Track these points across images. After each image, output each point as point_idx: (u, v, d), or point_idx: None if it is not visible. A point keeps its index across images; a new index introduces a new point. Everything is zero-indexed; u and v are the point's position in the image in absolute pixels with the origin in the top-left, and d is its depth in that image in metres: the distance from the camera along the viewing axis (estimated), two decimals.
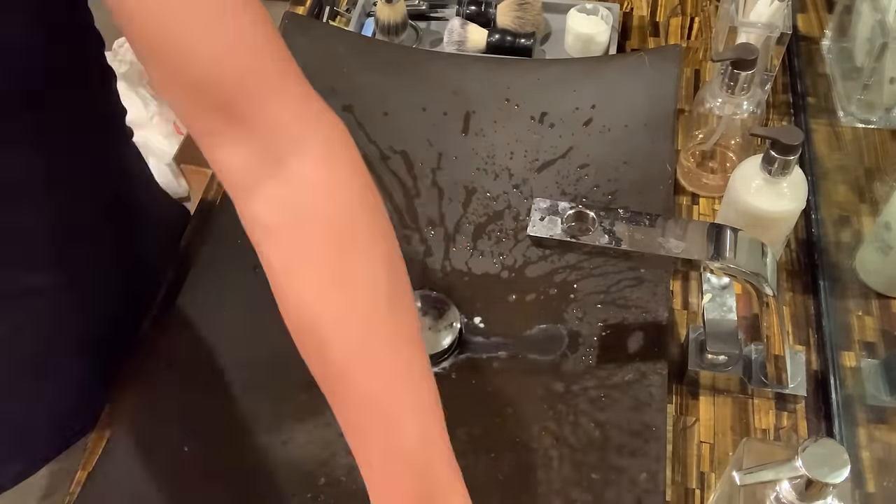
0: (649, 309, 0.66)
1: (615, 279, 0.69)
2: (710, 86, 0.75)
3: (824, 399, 0.65)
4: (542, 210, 0.57)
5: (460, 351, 0.66)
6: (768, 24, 0.79)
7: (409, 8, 0.92)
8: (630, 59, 0.82)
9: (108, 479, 0.59)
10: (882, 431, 0.64)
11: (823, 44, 0.91)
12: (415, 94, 0.81)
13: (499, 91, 0.81)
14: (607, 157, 0.77)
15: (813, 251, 0.74)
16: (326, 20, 0.96)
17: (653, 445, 0.59)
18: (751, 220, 0.66)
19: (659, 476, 0.58)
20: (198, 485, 0.59)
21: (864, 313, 0.70)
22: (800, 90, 0.86)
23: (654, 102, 0.78)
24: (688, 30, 0.95)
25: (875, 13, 0.78)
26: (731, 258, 0.54)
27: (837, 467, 0.46)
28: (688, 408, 0.65)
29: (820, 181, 0.78)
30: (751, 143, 0.76)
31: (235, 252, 0.70)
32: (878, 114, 0.82)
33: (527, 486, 0.59)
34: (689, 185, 0.80)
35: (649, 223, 0.56)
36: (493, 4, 0.93)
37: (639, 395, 0.62)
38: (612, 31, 0.90)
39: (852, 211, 0.78)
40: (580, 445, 0.60)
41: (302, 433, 0.62)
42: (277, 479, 0.60)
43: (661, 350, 0.64)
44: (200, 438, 0.61)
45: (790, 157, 0.63)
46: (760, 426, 0.64)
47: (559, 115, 0.80)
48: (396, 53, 0.86)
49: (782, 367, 0.63)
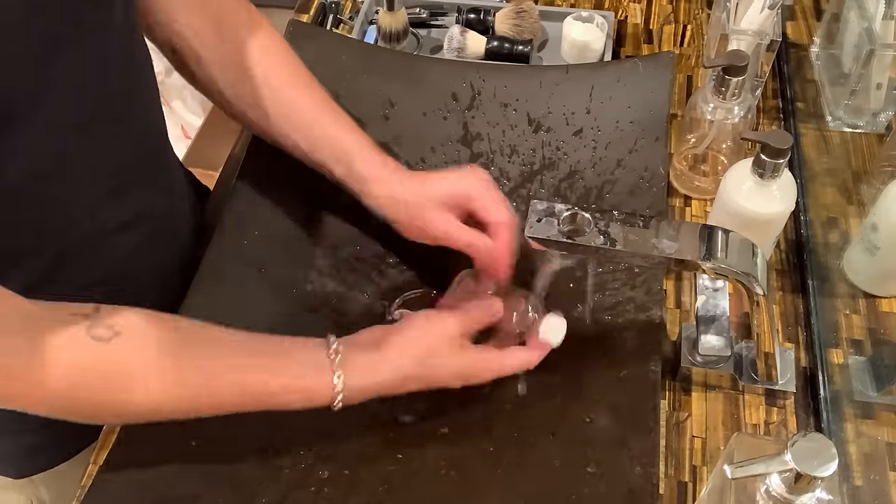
0: (643, 307, 0.67)
1: (610, 278, 0.70)
2: (703, 91, 0.76)
3: (813, 395, 0.66)
4: (539, 212, 0.58)
5: None
6: (759, 31, 0.80)
7: (409, 16, 0.93)
8: (625, 66, 0.83)
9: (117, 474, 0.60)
10: (869, 426, 0.65)
11: (812, 50, 0.93)
12: (415, 100, 0.82)
13: (497, 96, 0.82)
14: (602, 160, 0.78)
15: (802, 251, 0.75)
16: (330, 28, 0.97)
17: (646, 440, 0.60)
18: (742, 222, 0.67)
19: (652, 470, 0.58)
20: (202, 480, 0.60)
21: (852, 312, 0.71)
22: (789, 95, 0.87)
23: (648, 107, 0.79)
24: (680, 37, 0.97)
25: (862, 21, 0.79)
26: (722, 258, 0.55)
27: (825, 461, 0.46)
28: (681, 403, 0.66)
29: (809, 184, 0.79)
30: (742, 147, 0.76)
31: (241, 252, 0.72)
32: (865, 118, 0.83)
33: (524, 479, 0.60)
34: (681, 188, 0.81)
35: (643, 224, 0.57)
36: (491, 12, 0.95)
37: (633, 391, 0.63)
38: (607, 39, 0.91)
39: (840, 213, 0.79)
40: (576, 440, 0.61)
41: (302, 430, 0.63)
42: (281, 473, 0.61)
43: (654, 347, 0.65)
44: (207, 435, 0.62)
45: (780, 161, 0.64)
46: (751, 421, 0.65)
47: (556, 119, 0.81)
48: (398, 60, 0.87)
49: (772, 364, 0.64)
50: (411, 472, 0.61)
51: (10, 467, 0.76)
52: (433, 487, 0.60)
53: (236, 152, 0.86)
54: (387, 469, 0.61)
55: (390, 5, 0.90)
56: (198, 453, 0.61)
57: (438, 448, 0.62)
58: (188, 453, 0.61)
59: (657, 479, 0.59)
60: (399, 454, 0.62)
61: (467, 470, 0.61)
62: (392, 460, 0.61)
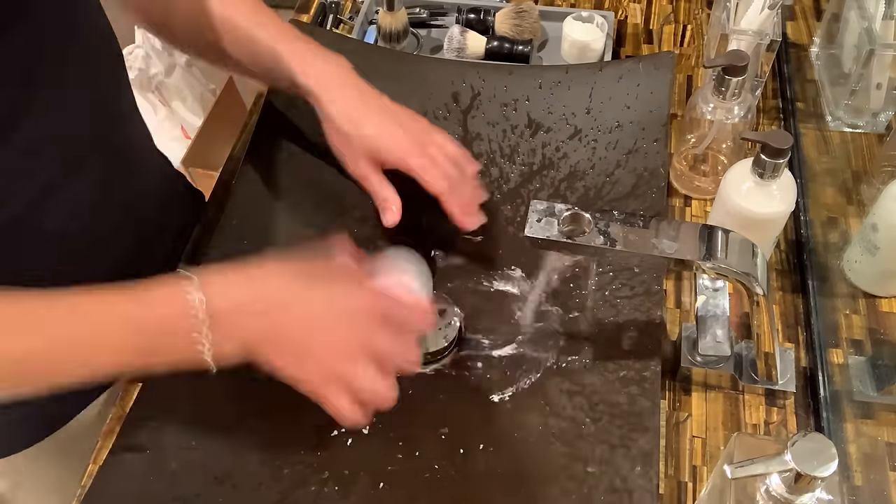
0: (643, 307, 0.68)
1: (610, 279, 0.70)
2: (703, 91, 0.76)
3: (813, 395, 0.66)
4: (539, 212, 0.58)
5: (460, 348, 0.68)
6: (759, 31, 0.80)
7: (409, 16, 0.94)
8: (625, 66, 0.83)
9: (117, 474, 0.60)
10: (868, 426, 0.65)
11: (812, 50, 0.93)
12: (415, 99, 0.82)
13: (497, 97, 0.83)
14: (602, 160, 0.78)
15: (802, 251, 0.75)
16: (330, 28, 0.97)
17: (646, 440, 0.60)
18: (741, 222, 0.67)
19: (652, 470, 0.59)
20: (202, 480, 0.60)
21: (852, 312, 0.71)
22: (789, 95, 0.87)
23: (648, 107, 0.80)
24: (680, 37, 0.97)
25: (862, 21, 0.79)
26: (722, 258, 0.55)
27: (825, 461, 0.46)
28: (680, 403, 0.66)
29: (808, 184, 0.79)
30: (741, 147, 0.76)
31: (241, 252, 0.72)
32: (864, 118, 0.83)
33: (524, 478, 0.60)
34: (681, 188, 0.81)
35: (643, 225, 0.57)
36: (491, 12, 0.95)
37: (633, 391, 0.63)
38: (607, 39, 0.91)
39: (840, 213, 0.79)
40: (576, 440, 0.61)
41: (302, 430, 0.63)
42: (281, 473, 0.61)
43: (654, 347, 0.65)
44: (207, 435, 0.62)
45: (780, 161, 0.64)
46: (751, 421, 0.65)
47: (556, 119, 0.81)
48: (398, 60, 0.87)
49: (772, 364, 0.64)
50: (411, 472, 0.61)
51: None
52: (433, 487, 0.60)
53: (236, 152, 0.86)
54: (387, 469, 0.61)
55: (390, 5, 0.90)
56: (198, 453, 0.61)
57: (438, 448, 0.62)
58: (188, 453, 0.61)
59: (657, 479, 0.59)
60: (398, 454, 0.62)
61: (467, 470, 0.61)
62: (392, 460, 0.61)
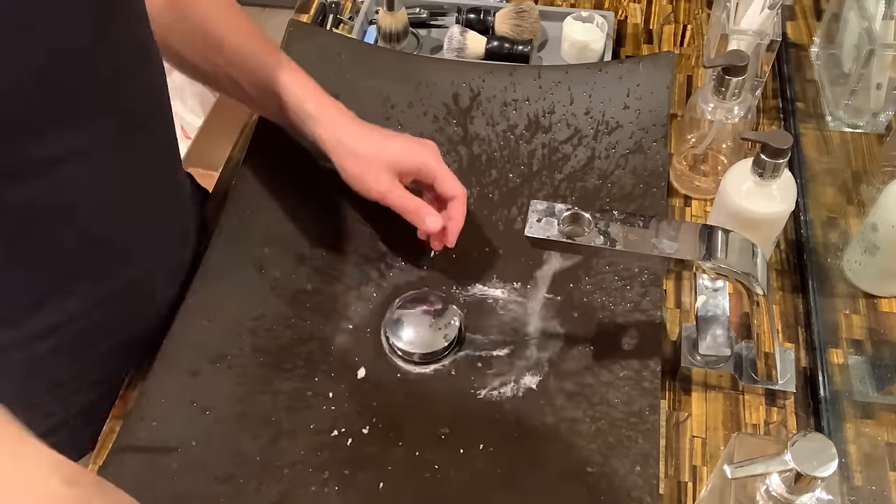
0: (643, 307, 0.68)
1: (610, 279, 0.70)
2: (703, 91, 0.76)
3: (813, 395, 0.66)
4: (539, 212, 0.58)
5: (460, 348, 0.68)
6: (759, 31, 0.80)
7: (409, 16, 0.94)
8: (625, 66, 0.83)
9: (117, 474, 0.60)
10: (868, 426, 0.65)
11: (812, 50, 0.93)
12: (415, 99, 0.83)
13: (497, 97, 0.83)
14: (602, 160, 0.78)
15: (802, 251, 0.75)
16: (330, 28, 0.97)
17: (646, 440, 0.60)
18: (741, 222, 0.67)
19: (652, 470, 0.59)
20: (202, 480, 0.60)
21: (852, 312, 0.71)
22: (789, 95, 0.87)
23: (648, 107, 0.80)
24: (680, 37, 0.97)
25: (862, 21, 0.79)
26: (722, 258, 0.55)
27: (825, 461, 0.46)
28: (680, 403, 0.66)
29: (808, 184, 0.79)
30: (741, 147, 0.76)
31: (241, 252, 0.72)
32: (864, 118, 0.83)
33: (524, 479, 0.60)
34: (681, 188, 0.81)
35: (643, 225, 0.57)
36: (491, 12, 0.95)
37: (633, 391, 0.63)
38: (606, 39, 0.91)
39: (840, 213, 0.79)
40: (575, 440, 0.62)
41: (303, 430, 0.63)
42: (281, 473, 0.61)
43: (654, 347, 0.65)
44: (207, 435, 0.62)
45: (780, 161, 0.64)
46: (751, 421, 0.65)
47: (556, 119, 0.81)
48: (398, 60, 0.87)
49: (772, 364, 0.64)
50: (411, 472, 0.61)
51: None
52: (433, 487, 0.60)
53: (236, 152, 0.86)
54: (387, 469, 0.61)
55: (390, 5, 0.90)
56: (198, 453, 0.61)
57: (438, 448, 0.62)
58: (188, 453, 0.61)
59: (657, 479, 0.59)
60: (399, 454, 0.62)
61: (467, 470, 0.61)
62: (392, 460, 0.61)
